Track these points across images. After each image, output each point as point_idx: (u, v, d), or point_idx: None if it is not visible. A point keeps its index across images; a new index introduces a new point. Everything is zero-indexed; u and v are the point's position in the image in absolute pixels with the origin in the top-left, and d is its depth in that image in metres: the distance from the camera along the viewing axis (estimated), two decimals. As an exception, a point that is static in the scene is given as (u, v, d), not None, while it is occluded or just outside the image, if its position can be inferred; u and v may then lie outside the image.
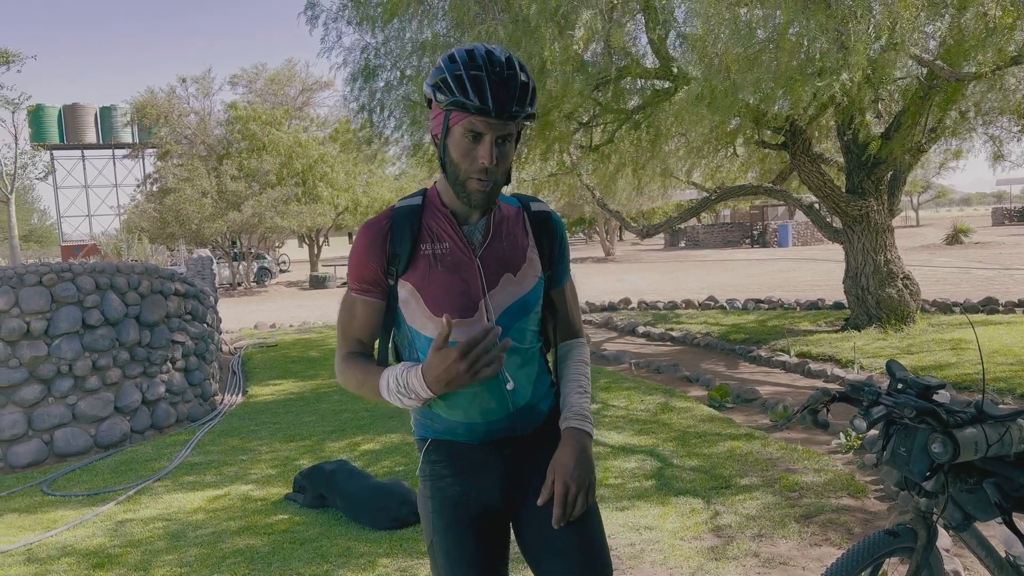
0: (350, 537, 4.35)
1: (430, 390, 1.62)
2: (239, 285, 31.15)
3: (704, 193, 12.09)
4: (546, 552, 1.81)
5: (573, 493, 1.71)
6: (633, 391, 7.44)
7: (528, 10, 7.52)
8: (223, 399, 9.11)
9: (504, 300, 1.77)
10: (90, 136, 42.48)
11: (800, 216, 36.23)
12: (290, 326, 16.39)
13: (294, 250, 47.82)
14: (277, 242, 36.52)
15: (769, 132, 10.28)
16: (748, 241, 39.15)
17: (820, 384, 7.47)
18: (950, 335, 8.81)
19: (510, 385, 1.75)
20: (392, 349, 1.88)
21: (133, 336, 7.46)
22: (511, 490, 1.84)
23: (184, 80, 31.19)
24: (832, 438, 5.53)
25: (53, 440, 6.89)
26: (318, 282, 30.19)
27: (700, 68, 7.41)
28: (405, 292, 1.76)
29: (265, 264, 33.29)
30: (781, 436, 5.76)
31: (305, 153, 29.30)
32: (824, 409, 2.28)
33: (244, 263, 31.60)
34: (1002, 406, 2.12)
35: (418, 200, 1.82)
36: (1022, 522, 2.10)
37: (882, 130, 9.48)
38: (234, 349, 12.81)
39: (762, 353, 9.04)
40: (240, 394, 9.42)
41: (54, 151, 41.52)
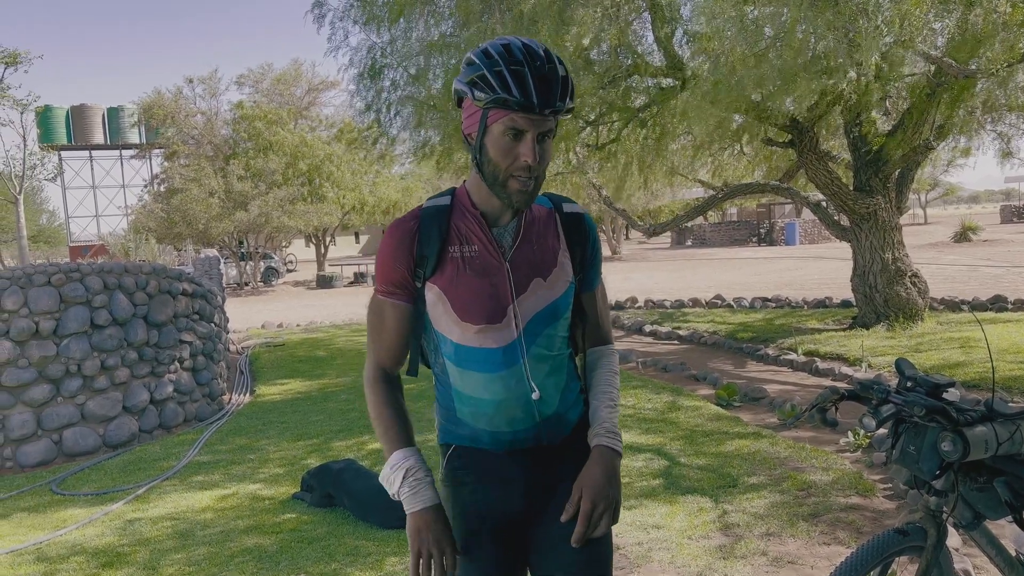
0: (358, 536, 4.36)
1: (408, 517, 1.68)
2: (246, 285, 31.23)
3: (711, 191, 12.07)
4: (549, 556, 1.77)
5: (599, 512, 1.65)
6: (640, 390, 7.43)
7: (532, 9, 7.52)
8: (231, 398, 9.13)
9: (533, 305, 1.71)
10: (98, 137, 42.71)
11: (807, 214, 36.14)
12: (297, 325, 16.42)
13: (301, 250, 47.95)
14: (284, 242, 36.59)
15: (776, 130, 10.25)
16: (755, 239, 39.06)
17: (828, 383, 7.44)
18: (959, 333, 8.77)
19: (535, 395, 1.71)
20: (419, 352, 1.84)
21: (141, 336, 7.48)
22: (534, 500, 1.78)
23: (191, 80, 31.35)
24: (840, 437, 5.51)
25: (62, 440, 6.91)
26: (325, 282, 30.25)
27: (707, 66, 7.39)
28: (432, 296, 1.71)
29: (272, 264, 33.37)
30: (789, 435, 5.74)
31: (311, 153, 29.37)
32: (833, 407, 2.27)
33: (251, 263, 31.68)
34: (1012, 404, 2.10)
35: (446, 200, 1.75)
36: (1033, 521, 2.09)
37: (890, 127, 9.44)
38: (241, 349, 12.84)
39: (769, 352, 9.02)
40: (248, 393, 9.44)
41: (62, 152, 41.77)
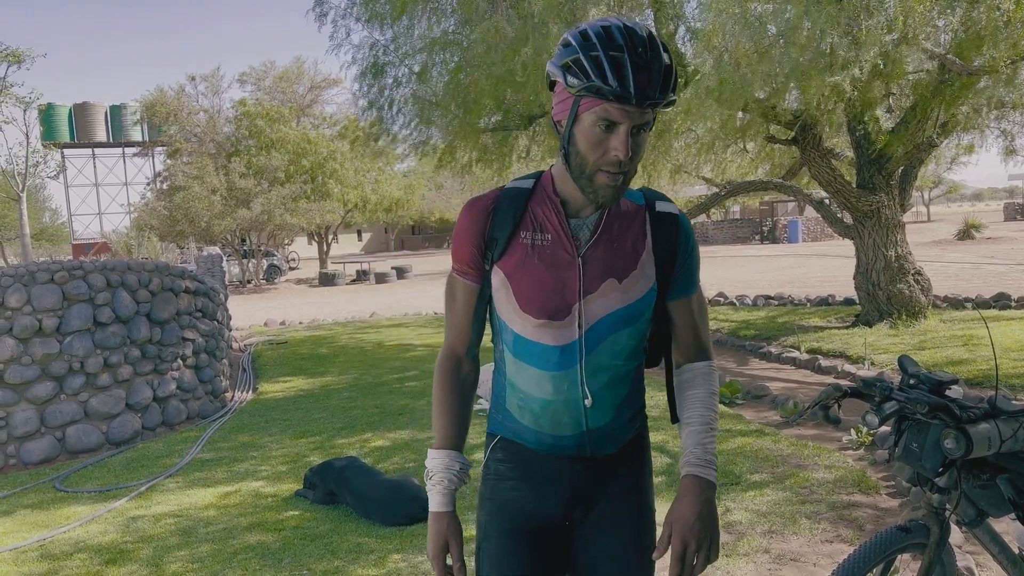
0: (360, 533, 4.36)
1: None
2: (249, 282, 31.26)
3: (714, 189, 12.06)
4: (588, 574, 1.68)
5: (692, 550, 1.51)
6: (643, 387, 7.43)
7: (536, 6, 7.51)
8: (233, 396, 9.14)
9: (602, 308, 1.58)
10: (100, 134, 42.74)
11: (810, 212, 36.10)
12: (300, 323, 16.44)
13: (303, 247, 47.99)
14: (286, 239, 36.63)
15: (779, 127, 10.23)
16: (758, 237, 39.03)
17: (831, 380, 7.43)
18: (962, 331, 8.76)
19: (588, 401, 1.60)
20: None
21: (144, 333, 7.49)
22: (574, 509, 1.68)
23: (193, 78, 31.39)
24: (843, 434, 5.51)
25: (65, 437, 6.93)
26: (327, 279, 30.27)
27: (708, 63, 7.38)
28: (498, 281, 1.61)
29: (274, 261, 33.39)
30: (792, 432, 5.74)
31: (314, 150, 29.38)
32: (836, 405, 2.26)
33: (254, 260, 31.71)
34: (1015, 402, 2.10)
35: (529, 183, 1.65)
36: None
37: (893, 125, 9.42)
38: (244, 346, 12.85)
39: (772, 349, 9.01)
40: (250, 391, 9.45)
41: (65, 149, 41.80)
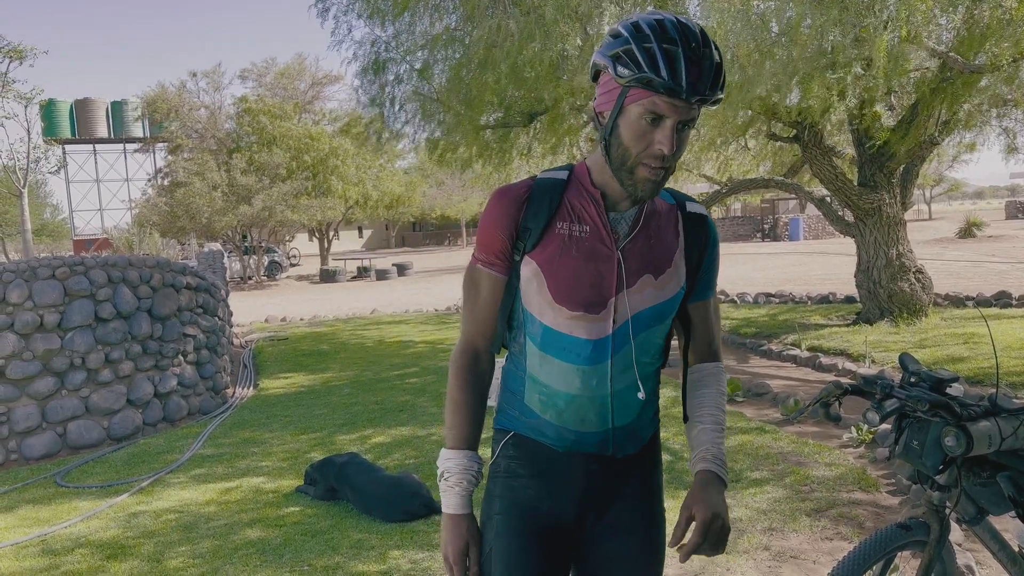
0: (361, 530, 4.37)
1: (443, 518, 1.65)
2: (250, 279, 31.27)
3: (716, 186, 12.05)
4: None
5: (716, 527, 1.50)
6: (643, 385, 7.43)
7: (543, 5, 7.51)
8: (234, 392, 9.15)
9: (639, 303, 1.56)
10: (101, 131, 42.79)
11: (811, 210, 36.10)
12: (300, 319, 16.44)
13: (304, 244, 48.01)
14: (287, 236, 36.66)
15: (781, 125, 10.23)
16: (759, 235, 39.01)
17: (831, 378, 7.43)
18: (963, 329, 8.75)
19: (641, 394, 1.59)
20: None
21: (145, 329, 7.50)
22: (587, 509, 1.64)
23: (194, 74, 31.46)
24: (844, 432, 5.51)
25: (66, 432, 6.94)
26: (328, 276, 30.29)
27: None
28: (529, 272, 1.56)
29: (275, 258, 33.42)
30: (792, 430, 5.74)
31: (316, 147, 29.38)
32: (836, 402, 2.26)
33: (255, 257, 31.71)
34: (1016, 400, 2.10)
35: (563, 174, 1.61)
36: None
37: (895, 123, 9.41)
38: (245, 342, 12.86)
39: (773, 347, 9.01)
40: (251, 387, 9.46)
41: (66, 145, 41.82)
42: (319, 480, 4.94)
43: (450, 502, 1.62)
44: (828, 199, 11.21)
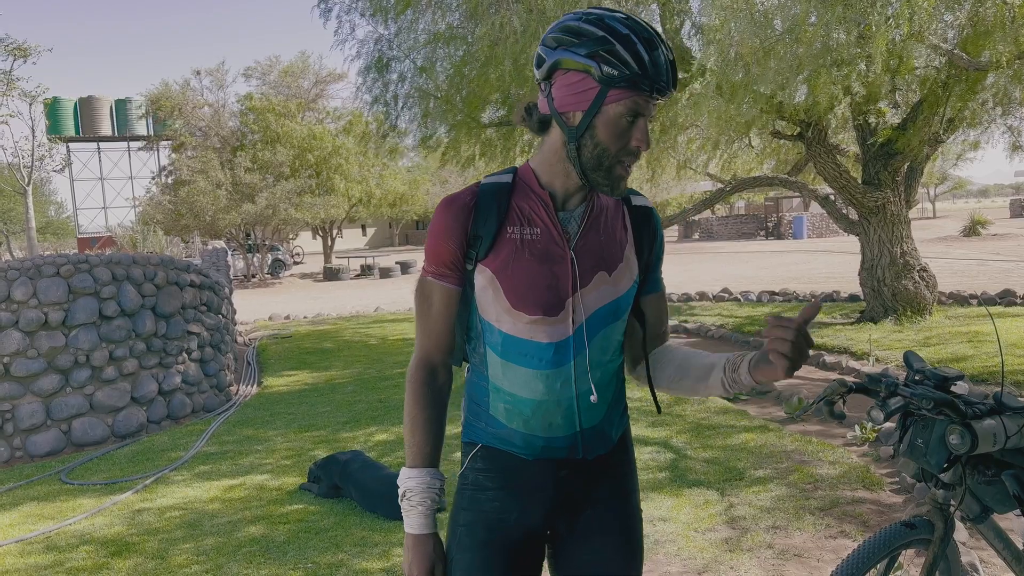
0: (365, 527, 4.38)
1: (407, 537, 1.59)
2: (253, 277, 31.30)
3: (719, 184, 12.03)
4: None
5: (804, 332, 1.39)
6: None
7: (545, 1, 7.49)
8: (238, 390, 9.17)
9: (595, 301, 1.56)
10: (105, 129, 42.86)
11: (815, 208, 36.02)
12: (304, 317, 16.46)
13: (308, 242, 48.05)
14: (291, 234, 36.69)
15: (784, 123, 10.21)
16: (763, 233, 38.96)
17: (835, 376, 7.42)
18: (967, 327, 8.73)
19: (593, 397, 1.58)
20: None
21: (149, 327, 7.51)
22: (558, 517, 1.63)
23: (198, 72, 31.40)
24: (847, 430, 5.50)
25: (71, 430, 6.95)
26: (332, 274, 30.30)
27: (716, 59, 7.36)
28: (483, 280, 1.55)
29: (279, 256, 33.44)
30: (796, 428, 5.74)
31: (320, 145, 29.39)
32: (840, 400, 2.25)
33: (258, 255, 31.74)
34: (1021, 398, 2.09)
35: (507, 178, 1.59)
36: (1041, 515, 2.08)
37: (899, 120, 9.39)
38: (249, 340, 12.89)
39: (776, 345, 8.99)
40: (255, 385, 9.48)
41: (70, 143, 41.89)
42: (323, 478, 4.95)
43: (413, 522, 1.58)
44: (832, 197, 11.18)
